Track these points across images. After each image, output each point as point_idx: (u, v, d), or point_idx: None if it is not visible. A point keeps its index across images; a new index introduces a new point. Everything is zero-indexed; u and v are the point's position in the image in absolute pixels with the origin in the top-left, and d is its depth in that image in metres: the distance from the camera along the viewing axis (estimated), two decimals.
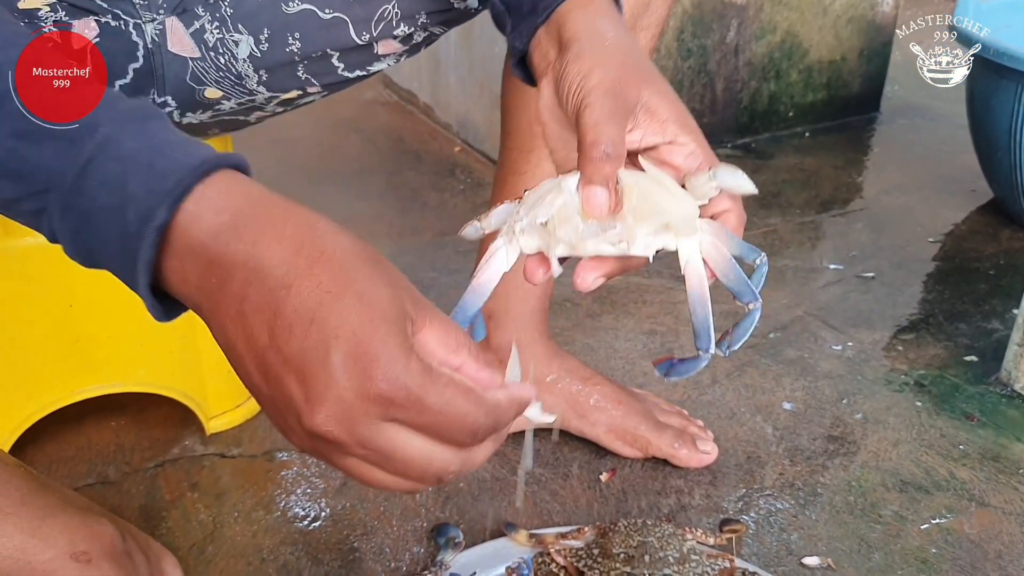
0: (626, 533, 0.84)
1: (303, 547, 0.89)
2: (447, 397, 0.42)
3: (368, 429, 0.41)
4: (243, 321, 0.42)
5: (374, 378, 0.41)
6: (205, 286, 0.43)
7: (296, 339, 0.41)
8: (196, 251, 0.43)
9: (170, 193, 0.43)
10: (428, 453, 0.43)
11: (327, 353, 0.41)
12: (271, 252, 0.42)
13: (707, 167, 0.57)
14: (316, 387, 0.41)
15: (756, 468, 1.01)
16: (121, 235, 0.43)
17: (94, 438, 1.04)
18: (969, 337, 1.26)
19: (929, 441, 1.06)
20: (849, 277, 1.42)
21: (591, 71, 0.57)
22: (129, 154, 0.44)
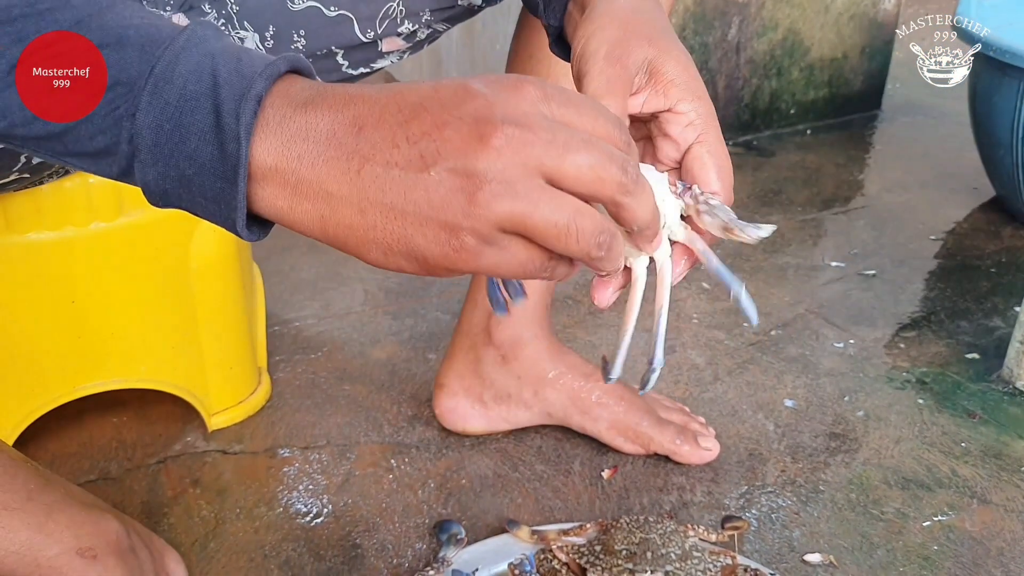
0: (628, 530, 0.84)
1: (305, 543, 0.89)
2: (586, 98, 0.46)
3: (545, 117, 0.42)
4: (366, 139, 0.42)
5: (521, 88, 0.43)
6: (312, 129, 0.43)
7: (436, 100, 0.42)
8: (295, 105, 0.43)
9: (262, 74, 0.43)
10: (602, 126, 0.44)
11: (468, 89, 0.42)
12: (365, 105, 0.43)
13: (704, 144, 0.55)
14: (481, 110, 0.41)
15: (758, 465, 1.01)
16: (214, 119, 0.43)
17: (96, 434, 1.04)
18: (971, 335, 1.26)
19: (931, 439, 1.06)
20: (851, 274, 1.42)
21: (591, 36, 0.55)
22: (217, 49, 0.44)
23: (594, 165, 0.42)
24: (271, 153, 0.43)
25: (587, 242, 0.43)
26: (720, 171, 0.55)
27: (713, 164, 0.55)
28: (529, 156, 0.41)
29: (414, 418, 1.07)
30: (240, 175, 0.43)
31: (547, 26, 0.65)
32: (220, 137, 0.43)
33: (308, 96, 0.44)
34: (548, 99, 0.43)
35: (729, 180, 0.56)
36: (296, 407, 1.09)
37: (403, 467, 1.00)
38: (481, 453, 1.02)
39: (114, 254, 0.92)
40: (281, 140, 0.43)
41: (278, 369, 1.15)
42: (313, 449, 1.02)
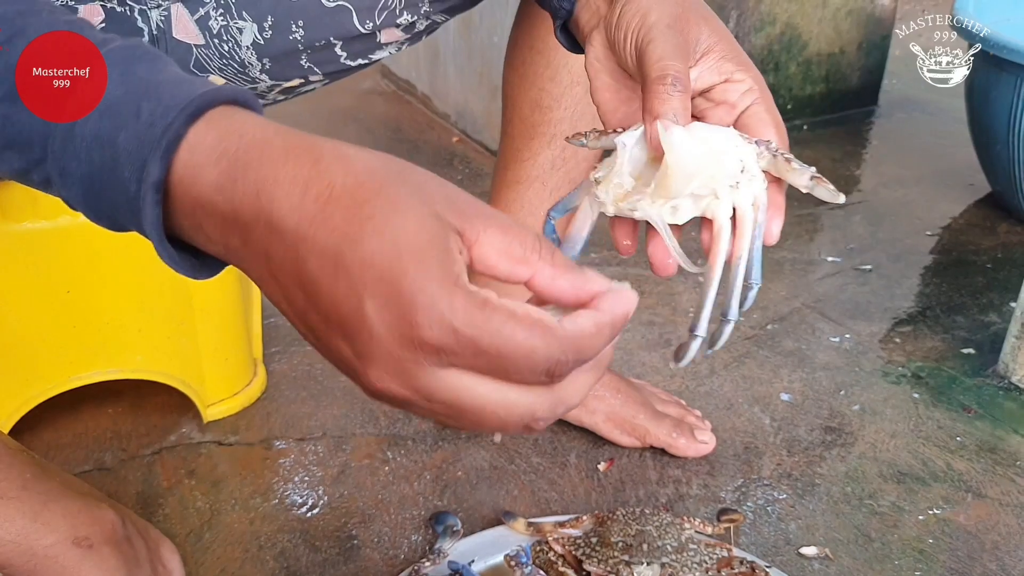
0: (624, 522, 0.84)
1: (301, 535, 0.89)
2: (506, 334, 0.36)
3: (426, 380, 0.37)
4: (276, 281, 0.39)
5: (415, 325, 0.36)
6: (229, 244, 0.40)
7: (326, 295, 0.37)
8: (206, 208, 0.40)
9: (158, 144, 0.39)
10: (502, 398, 0.38)
11: (360, 305, 0.37)
12: (278, 202, 0.38)
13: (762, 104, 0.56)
14: (361, 344, 0.37)
15: (754, 458, 1.01)
16: (125, 197, 0.40)
17: (91, 425, 1.03)
18: (966, 330, 1.26)
19: (926, 433, 1.06)
20: (847, 269, 1.42)
21: (649, 10, 0.56)
22: (115, 104, 0.40)
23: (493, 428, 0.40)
24: (190, 233, 0.42)
25: (513, 425, 0.40)
26: (778, 127, 0.57)
27: (771, 120, 0.57)
28: (409, 405, 0.39)
29: None
30: (163, 254, 0.42)
31: (556, 9, 0.65)
32: (134, 216, 0.41)
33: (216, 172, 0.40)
34: (443, 352, 0.37)
35: (785, 137, 0.57)
36: (292, 398, 1.09)
37: (399, 459, 1.00)
38: (477, 445, 1.02)
39: (110, 244, 0.91)
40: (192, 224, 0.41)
41: (274, 360, 1.15)
42: (309, 440, 1.02)
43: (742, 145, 0.54)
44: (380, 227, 0.37)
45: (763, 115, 0.56)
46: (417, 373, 0.37)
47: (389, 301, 0.36)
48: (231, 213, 0.39)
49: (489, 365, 0.37)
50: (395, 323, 0.36)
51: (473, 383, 0.38)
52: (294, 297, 0.39)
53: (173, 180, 0.40)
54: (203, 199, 0.40)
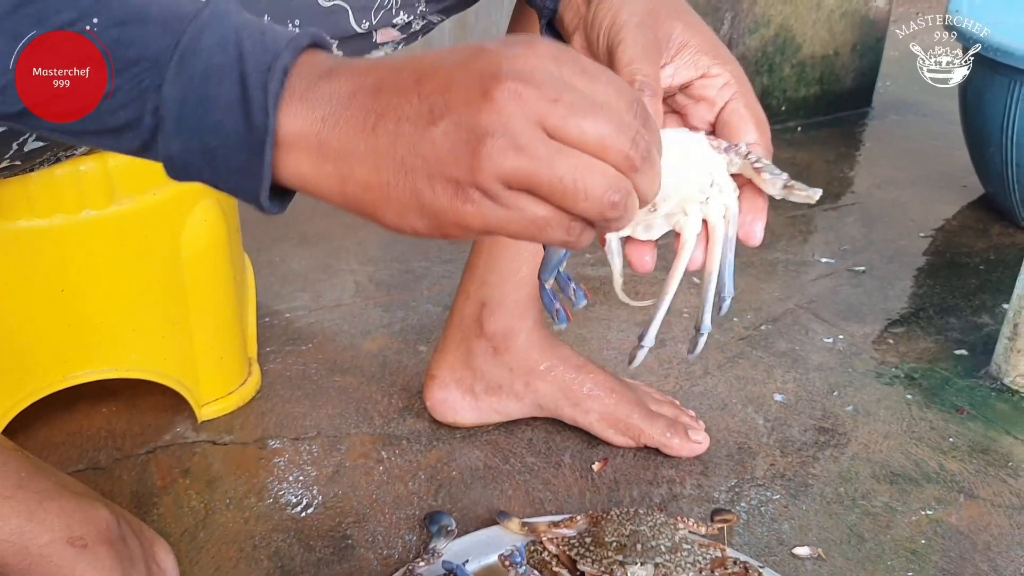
0: (618, 522, 0.84)
1: (295, 534, 0.89)
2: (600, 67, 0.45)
3: (555, 76, 0.42)
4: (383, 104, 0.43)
5: (534, 45, 0.43)
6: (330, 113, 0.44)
7: (449, 60, 0.43)
8: (321, 81, 0.44)
9: (287, 47, 0.44)
10: (615, 96, 0.44)
11: (481, 48, 0.43)
12: (394, 77, 0.44)
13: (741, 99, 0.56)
14: (490, 61, 0.42)
15: (747, 459, 1.02)
16: (240, 91, 0.43)
17: (85, 424, 1.03)
18: (959, 331, 1.27)
19: (919, 434, 1.06)
20: (840, 271, 1.42)
21: (620, 9, 0.56)
22: (240, 24, 0.45)
23: (600, 132, 0.42)
24: (297, 120, 0.44)
25: (597, 200, 0.42)
26: (759, 123, 0.57)
27: (751, 116, 0.57)
28: (532, 111, 0.41)
29: (405, 410, 1.07)
30: (267, 145, 0.44)
31: (540, 8, 0.65)
32: (247, 108, 0.43)
33: (331, 66, 0.45)
34: (561, 60, 0.43)
35: (767, 132, 0.58)
36: (286, 398, 1.09)
37: (393, 459, 1.00)
38: (472, 445, 1.02)
39: (104, 242, 0.91)
40: (306, 106, 0.44)
41: (268, 360, 1.15)
42: (303, 440, 1.02)
43: (712, 156, 0.54)
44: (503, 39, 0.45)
45: (743, 112, 0.56)
46: (543, 71, 0.42)
47: (506, 41, 0.43)
48: (342, 67, 0.45)
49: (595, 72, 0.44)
50: (514, 47, 0.43)
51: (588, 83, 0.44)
52: (410, 96, 0.43)
53: (296, 70, 0.44)
54: (318, 69, 0.45)
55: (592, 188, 0.42)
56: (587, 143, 0.42)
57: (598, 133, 0.42)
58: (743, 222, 0.55)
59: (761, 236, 0.55)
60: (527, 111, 0.41)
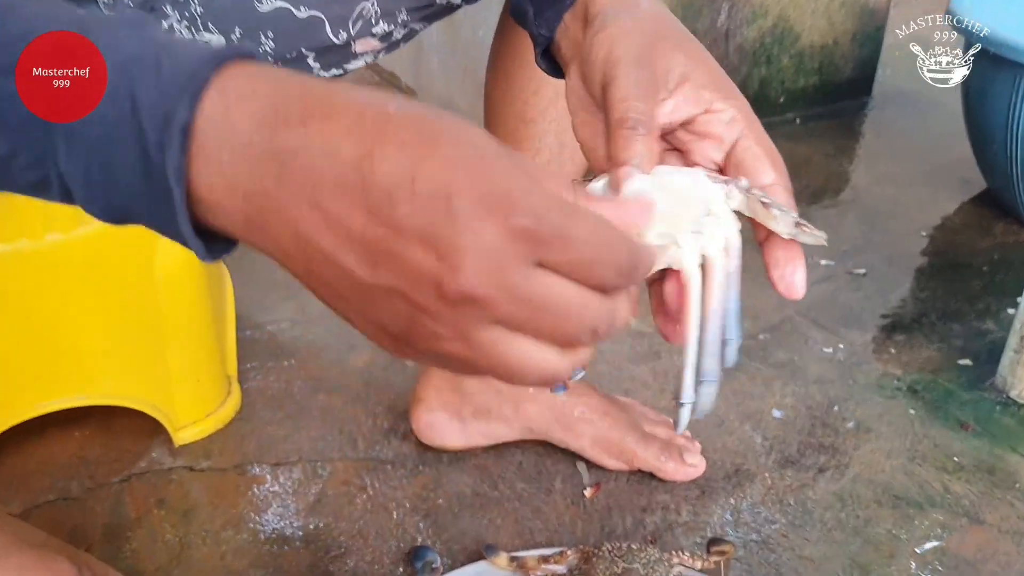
0: (610, 559, 0.81)
1: (274, 571, 0.86)
2: (591, 228, 0.38)
3: (518, 275, 0.37)
4: (322, 210, 0.37)
5: (514, 211, 0.36)
6: (258, 188, 0.37)
7: (403, 201, 0.36)
8: (237, 149, 0.37)
9: (185, 88, 0.37)
10: (581, 298, 0.38)
11: (449, 202, 0.36)
12: (330, 127, 0.37)
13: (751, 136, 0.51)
14: (450, 242, 0.36)
15: (745, 481, 0.98)
16: (140, 153, 0.38)
17: (57, 451, 0.99)
18: (963, 339, 1.23)
19: (923, 452, 1.03)
20: (840, 274, 1.38)
21: (616, 42, 0.51)
22: (130, 58, 0.38)
23: (559, 332, 0.39)
24: (213, 191, 0.38)
25: (535, 382, 0.40)
26: (775, 160, 0.52)
27: (766, 154, 0.52)
28: (485, 315, 0.37)
29: (390, 432, 1.03)
30: (180, 218, 0.39)
31: (535, 36, 0.60)
32: (150, 174, 0.38)
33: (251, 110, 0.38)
34: (538, 243, 0.37)
35: (784, 170, 0.53)
36: (267, 419, 1.05)
37: (378, 485, 0.96)
38: (459, 470, 0.98)
39: (72, 266, 0.87)
40: (218, 171, 0.38)
41: (249, 378, 1.11)
42: (284, 465, 0.98)
43: (708, 185, 0.49)
44: (456, 136, 0.37)
45: (754, 148, 0.51)
46: (512, 266, 0.36)
47: (483, 194, 0.36)
48: (268, 148, 0.37)
49: (575, 260, 0.38)
50: (492, 214, 0.36)
51: (559, 282, 0.38)
52: (350, 219, 0.37)
53: (198, 124, 0.37)
54: (233, 139, 0.37)
55: (544, 371, 0.39)
56: (542, 336, 0.39)
57: (557, 333, 0.39)
58: (783, 273, 0.50)
59: (803, 288, 0.50)
60: (480, 313, 0.37)
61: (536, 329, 0.38)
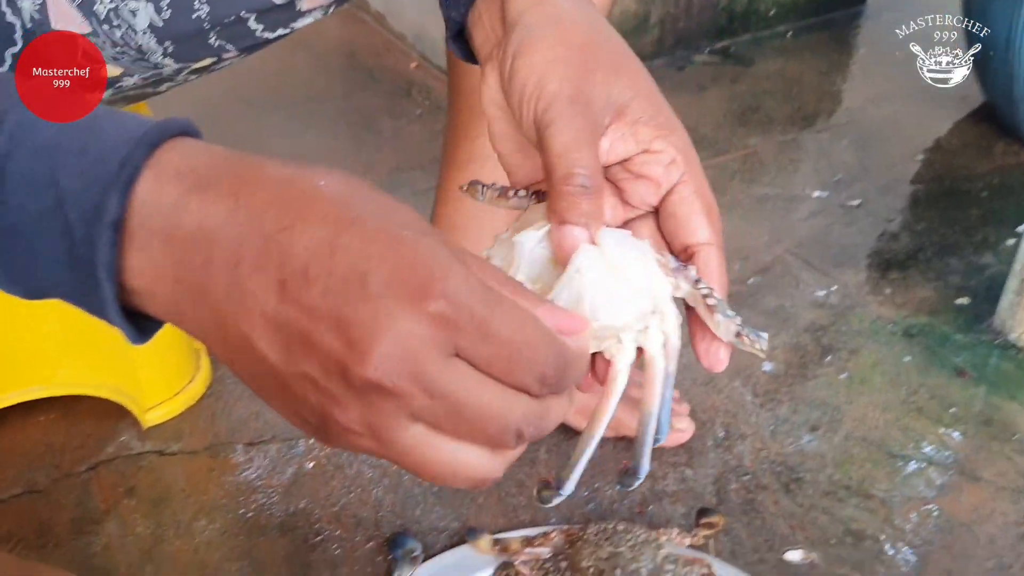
0: (596, 543, 0.78)
1: (250, 563, 0.83)
2: (514, 324, 0.35)
3: (434, 365, 0.33)
4: (241, 289, 0.34)
5: (431, 294, 0.33)
6: (186, 272, 0.35)
7: (318, 279, 0.33)
8: (167, 232, 0.35)
9: (117, 177, 0.34)
10: (502, 398, 0.35)
11: (364, 280, 0.33)
12: (255, 200, 0.35)
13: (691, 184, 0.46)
14: (361, 325, 0.33)
15: (735, 444, 0.95)
16: (66, 246, 0.35)
17: (20, 437, 0.96)
18: (960, 275, 1.19)
19: (918, 403, 1.00)
20: (833, 206, 1.33)
21: (547, 71, 0.45)
22: (51, 141, 0.35)
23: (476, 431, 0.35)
24: (141, 277, 0.36)
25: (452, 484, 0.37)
26: (710, 212, 0.47)
27: (702, 206, 0.47)
28: (397, 408, 0.34)
29: None
30: (109, 310, 0.36)
31: (447, 18, 0.54)
32: (77, 267, 0.35)
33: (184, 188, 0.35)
34: (456, 331, 0.34)
35: (719, 224, 0.48)
36: (239, 395, 1.01)
37: (355, 464, 0.93)
38: None
39: None
40: (149, 259, 0.35)
41: None
42: (257, 445, 0.95)
43: (657, 278, 0.44)
44: (379, 211, 0.35)
45: (691, 200, 0.46)
46: (427, 355, 0.33)
47: (400, 273, 0.33)
48: (195, 230, 0.35)
49: (494, 354, 0.35)
50: (407, 296, 0.33)
51: (479, 379, 0.35)
52: (264, 298, 0.34)
53: (130, 215, 0.35)
54: (162, 227, 0.35)
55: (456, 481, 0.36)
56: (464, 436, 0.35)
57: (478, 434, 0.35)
58: (708, 348, 0.46)
59: (726, 362, 0.46)
60: (390, 409, 0.34)
61: (455, 428, 0.35)
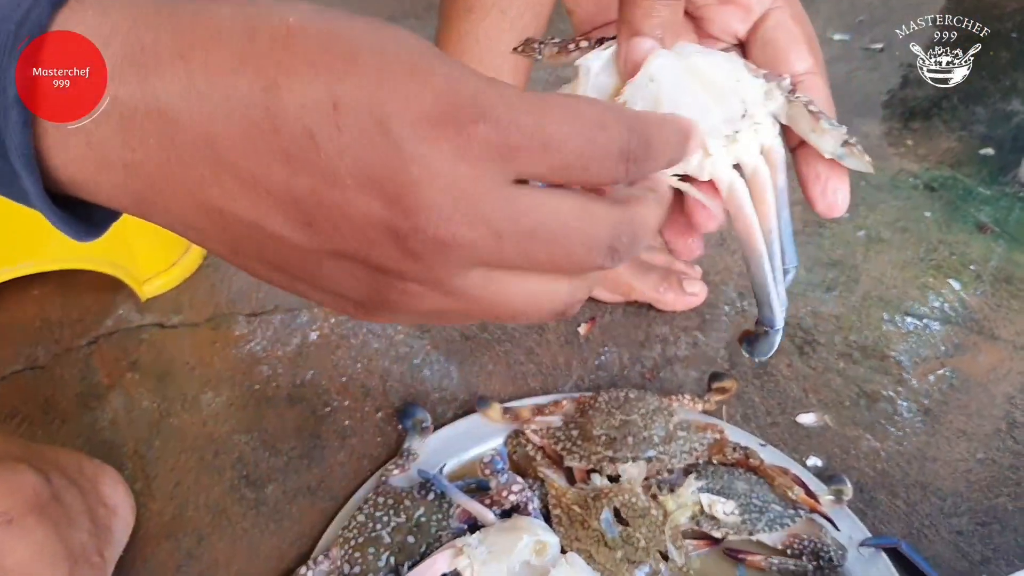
0: (607, 411, 0.77)
1: (258, 435, 0.82)
2: (570, 115, 0.30)
3: (494, 201, 0.29)
4: (229, 169, 0.29)
5: (467, 119, 0.28)
6: (140, 156, 0.30)
7: (329, 139, 0.28)
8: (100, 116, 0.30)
9: (14, 45, 0.29)
10: (584, 212, 0.31)
11: (384, 125, 0.28)
12: (217, 58, 0.29)
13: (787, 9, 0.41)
14: (397, 178, 0.28)
15: (749, 307, 0.93)
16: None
17: (17, 313, 0.93)
18: (986, 124, 1.13)
19: (938, 261, 0.97)
20: (855, 51, 1.26)
21: None
22: None
23: (557, 260, 0.31)
24: (78, 166, 0.31)
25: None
26: (811, 43, 0.42)
27: (802, 34, 0.41)
28: (463, 259, 0.30)
29: None
30: (38, 204, 0.31)
31: None
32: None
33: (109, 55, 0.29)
34: (510, 154, 0.29)
35: (820, 55, 0.42)
36: None
37: (360, 334, 0.91)
38: None
39: None
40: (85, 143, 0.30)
41: None
42: (260, 315, 0.93)
43: (746, 79, 0.39)
44: (377, 45, 0.29)
45: (788, 25, 0.40)
46: (478, 190, 0.29)
47: (424, 109, 0.28)
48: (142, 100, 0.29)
49: (562, 163, 0.30)
50: (439, 130, 0.28)
51: (551, 197, 0.31)
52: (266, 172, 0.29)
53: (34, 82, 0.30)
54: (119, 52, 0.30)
55: (539, 316, 0.33)
56: (542, 269, 0.31)
57: (560, 262, 0.31)
58: (824, 190, 0.41)
59: (846, 206, 0.41)
60: (459, 257, 0.29)
61: (533, 262, 0.31)
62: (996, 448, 0.78)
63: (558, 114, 0.30)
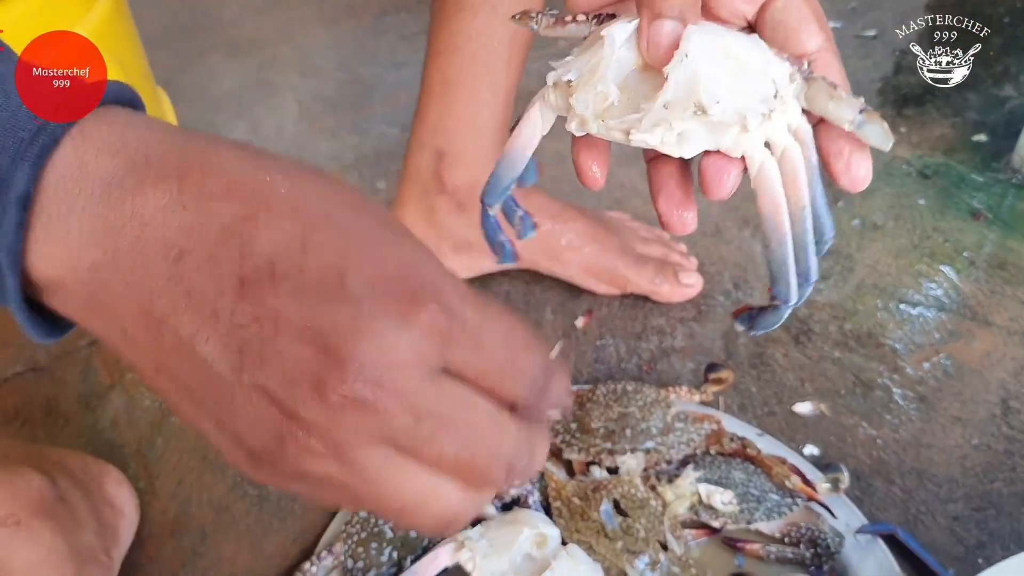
0: (605, 404, 0.77)
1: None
2: (505, 329, 0.32)
3: (423, 381, 0.30)
4: (184, 282, 0.30)
5: (422, 300, 0.30)
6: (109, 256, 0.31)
7: (287, 276, 0.29)
8: (88, 211, 0.31)
9: (29, 146, 0.30)
10: (495, 419, 0.32)
11: (342, 279, 0.29)
12: (206, 187, 0.31)
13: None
14: (339, 330, 0.29)
15: (744, 297, 0.93)
16: None
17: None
18: (978, 110, 1.14)
19: (931, 248, 0.97)
20: (848, 38, 1.26)
21: None
22: None
23: (464, 457, 0.31)
24: (50, 263, 0.32)
25: (428, 528, 0.33)
26: (820, 18, 0.42)
27: (811, 11, 0.41)
28: (375, 428, 0.29)
29: None
30: (10, 301, 0.33)
31: None
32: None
33: (114, 165, 0.31)
34: (448, 339, 0.30)
35: (830, 32, 0.42)
36: None
37: None
38: None
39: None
40: (64, 242, 0.31)
41: None
42: None
43: (775, 62, 0.40)
44: (356, 208, 0.32)
45: (798, 4, 0.40)
46: (411, 363, 0.30)
47: (384, 275, 0.30)
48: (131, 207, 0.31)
49: (483, 368, 0.32)
50: (392, 299, 0.30)
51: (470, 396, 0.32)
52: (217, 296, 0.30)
53: (44, 188, 0.31)
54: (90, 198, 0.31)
55: (438, 511, 0.32)
56: (443, 466, 0.31)
57: (463, 461, 0.31)
58: (848, 164, 0.41)
59: (869, 177, 0.41)
60: (367, 426, 0.29)
61: (437, 454, 0.31)
62: (991, 434, 0.78)
63: (498, 323, 0.32)
